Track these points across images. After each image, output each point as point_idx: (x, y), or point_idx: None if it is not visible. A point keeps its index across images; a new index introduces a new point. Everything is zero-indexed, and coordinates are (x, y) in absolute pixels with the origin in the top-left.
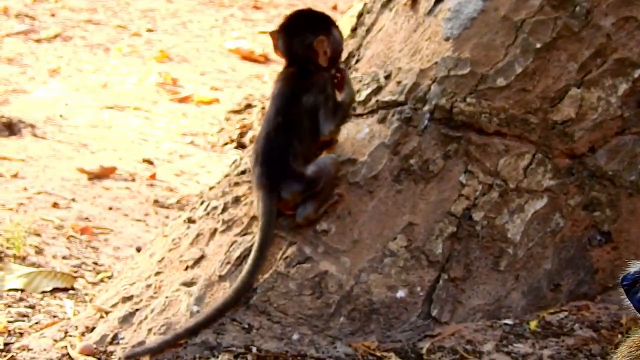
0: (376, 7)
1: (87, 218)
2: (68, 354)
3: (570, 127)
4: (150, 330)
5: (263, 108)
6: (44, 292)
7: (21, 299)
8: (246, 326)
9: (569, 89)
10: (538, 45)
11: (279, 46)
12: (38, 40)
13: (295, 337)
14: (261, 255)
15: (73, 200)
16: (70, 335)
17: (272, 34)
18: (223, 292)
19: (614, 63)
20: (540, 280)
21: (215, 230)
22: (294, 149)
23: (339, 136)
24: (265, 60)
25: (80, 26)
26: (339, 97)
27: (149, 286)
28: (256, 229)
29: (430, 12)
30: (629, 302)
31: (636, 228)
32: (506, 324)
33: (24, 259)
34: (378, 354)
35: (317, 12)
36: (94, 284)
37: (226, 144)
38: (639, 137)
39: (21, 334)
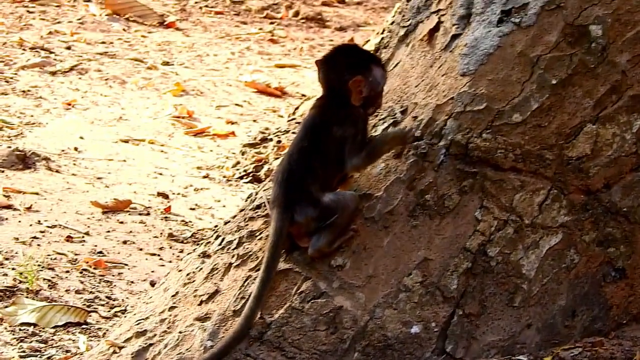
0: (393, 42)
1: (101, 252)
2: None
3: (586, 164)
4: None
5: (279, 142)
6: (56, 326)
7: (34, 334)
8: None
9: (584, 125)
10: (554, 82)
11: (319, 76)
12: (53, 73)
13: None
14: (268, 277)
15: (87, 234)
16: None
17: (316, 62)
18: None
19: (629, 99)
20: (554, 316)
21: (230, 265)
22: (314, 174)
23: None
24: (281, 94)
25: (96, 59)
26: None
27: (162, 321)
28: None
29: (446, 47)
30: None
31: None
32: None
33: (37, 293)
34: None
35: (362, 50)
36: (108, 318)
37: (241, 177)
38: None
39: None
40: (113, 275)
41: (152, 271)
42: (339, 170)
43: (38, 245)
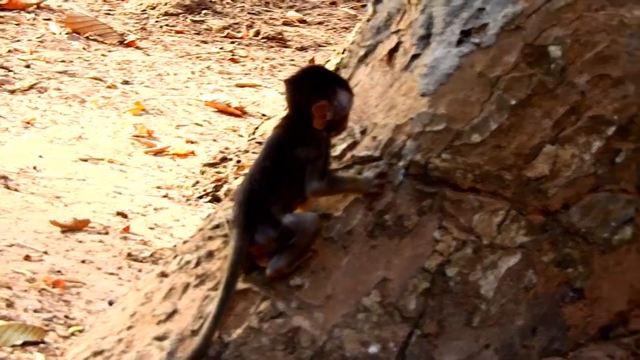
0: (352, 62)
1: (59, 271)
2: None
3: (544, 184)
4: None
5: (239, 161)
6: (14, 345)
7: None
8: None
9: (543, 146)
10: (513, 102)
11: (285, 96)
12: (12, 92)
13: None
14: (226, 296)
15: (45, 252)
16: None
17: (284, 81)
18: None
19: (588, 120)
20: (513, 337)
21: (188, 284)
22: (275, 195)
23: None
24: (241, 113)
25: (56, 77)
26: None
27: (120, 340)
28: None
29: (406, 67)
30: None
31: (609, 285)
32: None
33: None
34: None
35: (329, 73)
36: (65, 337)
37: (201, 197)
38: (613, 194)
39: None
40: (71, 295)
41: (111, 290)
42: (302, 192)
43: None
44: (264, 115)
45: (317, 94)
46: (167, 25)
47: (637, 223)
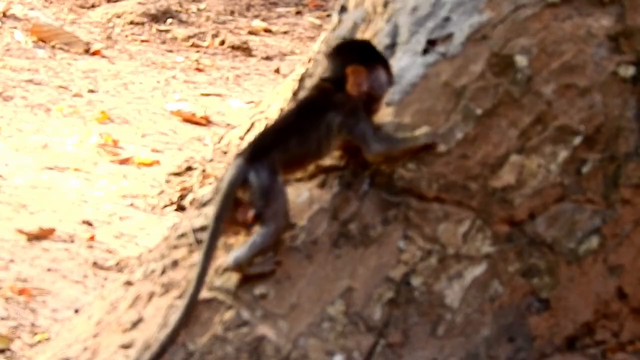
0: (318, 72)
1: (25, 279)
2: None
3: (510, 194)
4: None
5: (204, 170)
6: None
7: None
8: None
9: (509, 156)
10: (479, 112)
11: (327, 61)
12: None
13: None
14: (216, 228)
15: (11, 261)
16: None
17: (327, 53)
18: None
19: (555, 130)
20: (478, 347)
21: (154, 293)
22: (284, 149)
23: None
24: (206, 122)
25: (21, 86)
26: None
27: (86, 349)
28: None
29: None
30: None
31: (575, 295)
32: None
33: None
34: None
35: (377, 50)
36: (32, 345)
37: (166, 206)
38: (579, 204)
39: None
40: (37, 303)
41: (77, 299)
42: (314, 158)
43: None
44: (228, 124)
45: (357, 59)
46: (132, 34)
47: (604, 233)
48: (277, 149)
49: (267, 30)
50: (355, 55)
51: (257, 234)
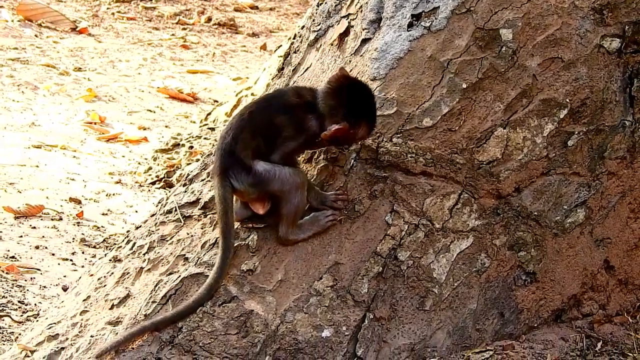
0: (303, 47)
1: (13, 257)
2: None
3: (496, 168)
4: None
5: (191, 147)
6: None
7: None
8: None
9: (494, 129)
10: (464, 86)
11: (326, 89)
12: None
13: None
14: (227, 244)
15: None
16: None
17: (336, 76)
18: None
19: (540, 103)
20: (465, 320)
21: (141, 269)
22: (242, 141)
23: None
24: (193, 99)
25: (8, 65)
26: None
27: (74, 325)
28: (182, 267)
29: (356, 51)
30: None
31: (561, 268)
32: None
33: None
34: None
35: (369, 100)
36: (20, 322)
37: (153, 183)
38: (564, 177)
39: None
40: (25, 280)
41: (65, 276)
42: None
43: None
44: (215, 101)
45: (346, 113)
46: (118, 12)
47: (590, 206)
48: (238, 143)
49: (253, 7)
50: (347, 108)
51: (282, 209)
